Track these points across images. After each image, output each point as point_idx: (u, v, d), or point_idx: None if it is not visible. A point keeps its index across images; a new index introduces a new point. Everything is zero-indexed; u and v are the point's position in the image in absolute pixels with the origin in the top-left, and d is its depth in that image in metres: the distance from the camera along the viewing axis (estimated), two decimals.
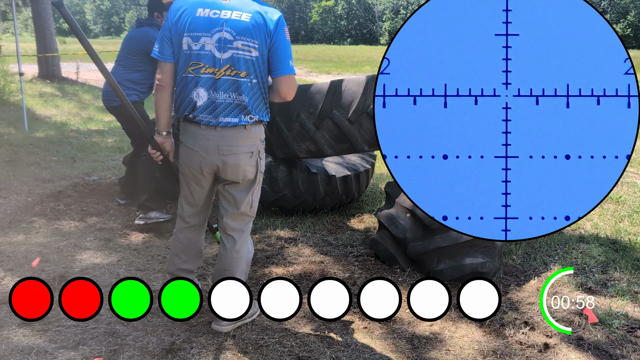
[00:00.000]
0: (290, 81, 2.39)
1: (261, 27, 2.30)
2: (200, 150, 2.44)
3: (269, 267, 3.38)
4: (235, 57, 2.32)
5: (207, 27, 2.31)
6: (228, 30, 2.30)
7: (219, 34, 2.30)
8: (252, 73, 2.35)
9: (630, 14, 45.12)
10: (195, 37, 2.32)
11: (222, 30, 2.30)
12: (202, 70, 2.35)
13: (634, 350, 2.51)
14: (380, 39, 58.24)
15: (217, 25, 2.30)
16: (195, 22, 2.32)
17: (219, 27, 2.30)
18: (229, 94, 2.36)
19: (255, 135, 2.46)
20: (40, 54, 12.99)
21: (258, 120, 2.44)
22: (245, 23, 2.30)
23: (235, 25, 2.30)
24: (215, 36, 2.31)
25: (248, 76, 2.34)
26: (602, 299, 2.99)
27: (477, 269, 3.14)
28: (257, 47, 2.31)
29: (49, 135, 7.48)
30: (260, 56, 2.33)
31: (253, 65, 2.34)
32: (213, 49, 2.32)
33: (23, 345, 2.45)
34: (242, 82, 2.34)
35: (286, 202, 4.20)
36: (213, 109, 2.37)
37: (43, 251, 3.51)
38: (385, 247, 3.39)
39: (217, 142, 2.40)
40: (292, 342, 2.55)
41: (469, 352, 2.50)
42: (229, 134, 2.40)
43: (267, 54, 2.35)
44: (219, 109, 2.37)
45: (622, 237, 3.93)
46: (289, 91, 2.41)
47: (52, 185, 4.98)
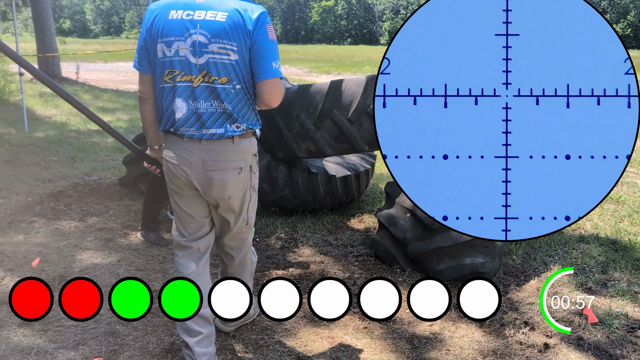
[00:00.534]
0: (273, 86, 2.11)
1: (239, 26, 2.04)
2: (182, 164, 2.18)
3: (269, 267, 3.39)
4: (212, 61, 2.07)
5: (180, 30, 2.07)
6: (202, 33, 2.05)
7: (193, 37, 2.06)
8: (234, 78, 2.09)
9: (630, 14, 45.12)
10: (168, 43, 2.09)
11: (196, 32, 2.05)
12: (179, 79, 2.11)
13: (634, 350, 2.51)
14: (380, 39, 58.26)
15: (191, 27, 2.06)
16: (168, 26, 2.08)
17: (193, 29, 2.06)
18: (210, 102, 2.11)
19: (246, 149, 2.21)
20: (40, 54, 13.00)
21: (247, 130, 2.18)
22: (221, 23, 2.04)
23: (210, 26, 2.05)
24: (189, 40, 2.06)
25: (230, 82, 2.09)
26: (602, 299, 2.99)
27: (477, 269, 3.14)
28: (236, 50, 2.06)
29: (49, 135, 7.48)
30: (240, 59, 2.08)
31: (234, 69, 2.08)
32: (188, 54, 2.08)
33: (23, 345, 2.45)
34: (223, 89, 2.09)
35: (286, 202, 4.20)
36: (196, 120, 2.12)
37: (43, 251, 3.51)
38: (385, 247, 3.39)
39: (202, 156, 2.15)
40: (292, 342, 2.55)
41: (469, 352, 2.50)
42: (216, 148, 2.15)
43: (248, 57, 2.09)
44: (202, 119, 2.12)
45: (622, 237, 3.93)
46: (272, 97, 2.13)
47: (52, 185, 4.98)
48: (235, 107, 2.12)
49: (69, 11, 70.24)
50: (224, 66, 2.08)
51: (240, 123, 2.15)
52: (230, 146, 2.16)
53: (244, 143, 2.19)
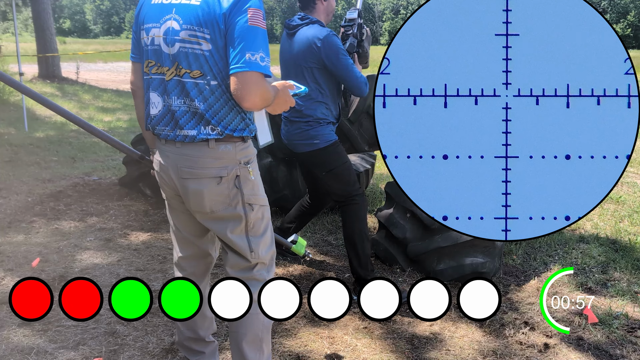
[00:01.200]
0: (243, 81, 1.69)
1: (213, 10, 1.73)
2: (162, 170, 1.95)
3: None
4: (182, 51, 1.79)
5: (157, 15, 1.84)
6: (176, 19, 1.79)
7: (167, 23, 1.80)
8: (208, 72, 1.78)
9: (630, 14, 45.12)
10: (147, 30, 1.87)
11: (170, 18, 1.80)
12: (154, 70, 1.88)
13: (634, 350, 2.51)
14: (380, 39, 58.24)
15: (167, 12, 1.81)
16: (149, 12, 1.87)
17: (168, 15, 1.80)
18: (182, 100, 1.83)
19: (226, 155, 1.85)
20: (40, 54, 13.00)
21: (228, 135, 1.83)
22: (194, 7, 1.76)
23: (184, 10, 1.78)
24: (163, 27, 1.82)
25: (203, 77, 1.79)
26: (602, 299, 2.99)
27: (477, 269, 3.14)
28: (209, 38, 1.75)
29: (49, 135, 7.48)
30: (215, 50, 1.76)
31: (207, 61, 1.77)
32: (161, 43, 1.83)
33: (23, 345, 2.45)
34: (195, 84, 1.80)
35: (286, 202, 4.19)
36: (170, 119, 1.86)
37: (43, 251, 3.51)
38: (385, 247, 3.39)
39: (176, 161, 1.87)
40: (292, 342, 2.55)
41: (469, 352, 2.50)
42: (189, 152, 1.85)
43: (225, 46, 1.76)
44: (175, 117, 1.85)
45: (622, 237, 3.93)
46: (243, 95, 1.71)
47: (52, 185, 4.98)
48: (208, 107, 1.80)
49: (69, 11, 70.26)
50: (195, 57, 1.78)
51: (216, 126, 1.81)
52: (206, 150, 1.83)
53: (223, 148, 1.84)
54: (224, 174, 1.85)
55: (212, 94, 1.80)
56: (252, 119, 1.92)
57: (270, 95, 1.79)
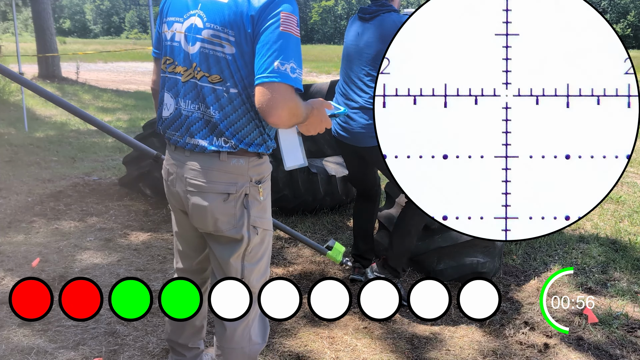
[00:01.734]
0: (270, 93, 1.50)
1: (241, 10, 1.56)
2: (167, 179, 1.82)
3: None
4: (203, 52, 1.63)
5: (183, 9, 1.68)
6: (200, 15, 1.63)
7: (191, 19, 1.65)
8: (229, 78, 1.61)
9: (630, 14, 45.13)
10: (169, 23, 1.72)
11: (195, 14, 1.64)
12: (170, 69, 1.73)
13: (634, 350, 2.51)
14: None
15: (192, 7, 1.66)
16: (174, 4, 1.72)
17: (194, 9, 1.65)
18: (197, 105, 1.67)
19: (237, 170, 1.68)
20: (40, 54, 13.01)
21: (242, 150, 1.67)
22: (221, 5, 1.59)
23: (210, 7, 1.61)
24: (186, 22, 1.66)
25: (222, 83, 1.62)
26: (602, 299, 2.99)
27: (477, 269, 3.14)
28: (234, 41, 1.58)
29: (49, 135, 7.48)
30: (239, 54, 1.58)
31: (229, 66, 1.60)
32: (182, 40, 1.67)
33: (23, 345, 2.45)
34: (212, 90, 1.63)
35: (286, 202, 4.20)
36: (181, 124, 1.72)
37: (43, 251, 3.51)
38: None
39: (184, 170, 1.72)
40: (292, 342, 2.55)
41: (469, 352, 2.50)
42: (198, 162, 1.69)
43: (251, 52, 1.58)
44: (187, 123, 1.70)
45: (622, 237, 3.93)
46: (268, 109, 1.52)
47: (52, 185, 4.99)
48: (224, 117, 1.64)
49: (69, 11, 70.25)
50: (216, 60, 1.61)
51: (230, 139, 1.64)
52: (216, 163, 1.67)
53: (234, 162, 1.67)
54: (232, 190, 1.68)
55: (229, 103, 1.63)
56: (271, 135, 1.73)
57: (300, 111, 1.59)
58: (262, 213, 1.77)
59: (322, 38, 64.12)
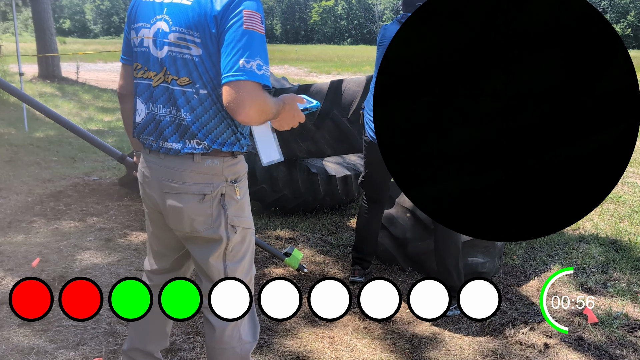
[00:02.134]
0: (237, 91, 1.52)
1: (204, 11, 1.58)
2: (143, 181, 1.85)
3: (269, 267, 3.38)
4: (171, 55, 1.65)
5: (149, 14, 1.70)
6: (166, 19, 1.65)
7: (157, 24, 1.67)
8: (197, 80, 1.63)
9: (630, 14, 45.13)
10: (137, 29, 1.74)
11: (161, 18, 1.66)
12: (140, 74, 1.75)
13: (634, 350, 2.51)
14: None
15: (158, 12, 1.67)
16: (141, 10, 1.74)
17: (160, 14, 1.67)
18: (168, 109, 1.69)
19: (212, 170, 1.70)
20: (40, 54, 13.00)
21: (215, 150, 1.69)
22: (185, 7, 1.61)
23: (175, 10, 1.64)
24: (153, 27, 1.68)
25: (191, 84, 1.63)
26: (602, 299, 2.99)
27: (477, 269, 3.14)
28: (199, 42, 1.60)
29: (49, 135, 7.48)
30: (206, 55, 1.61)
31: (197, 68, 1.62)
32: (151, 45, 1.69)
33: (23, 345, 2.45)
34: (182, 92, 1.65)
35: (286, 202, 4.20)
36: (154, 128, 1.73)
37: (43, 251, 3.51)
38: (385, 247, 3.39)
39: (159, 174, 1.74)
40: (292, 342, 2.55)
41: (469, 352, 2.50)
42: (172, 165, 1.71)
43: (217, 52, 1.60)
44: (159, 127, 1.72)
45: (622, 237, 3.93)
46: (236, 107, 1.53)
47: (52, 185, 4.99)
48: (195, 119, 1.66)
49: (69, 11, 70.26)
50: (184, 63, 1.63)
51: (202, 140, 1.67)
52: (190, 164, 1.69)
53: (209, 162, 1.69)
54: (208, 191, 1.70)
55: (200, 104, 1.65)
56: (244, 133, 1.76)
57: (269, 107, 1.60)
58: (240, 212, 1.78)
59: (322, 38, 64.12)
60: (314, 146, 3.81)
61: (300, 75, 18.07)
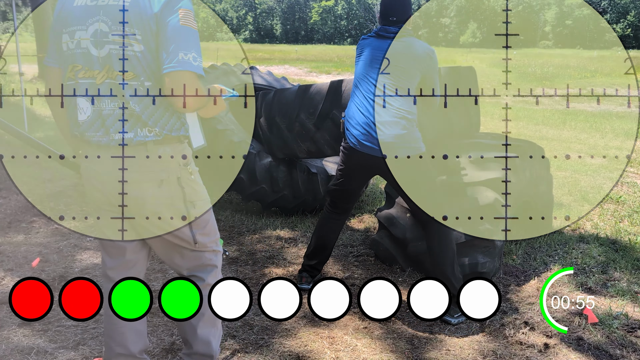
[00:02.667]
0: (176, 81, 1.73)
1: (144, 11, 1.76)
2: (90, 177, 1.91)
3: (269, 267, 3.39)
4: (114, 53, 1.79)
5: (83, 18, 1.81)
6: (104, 20, 1.79)
7: (95, 25, 1.80)
8: (142, 74, 1.79)
9: (630, 14, 45.13)
10: (71, 33, 1.84)
11: (98, 20, 1.79)
12: (81, 75, 1.85)
13: (634, 350, 2.51)
14: None
15: (94, 14, 1.80)
16: (72, 14, 1.84)
17: (96, 16, 1.80)
18: (116, 103, 1.83)
19: (165, 157, 1.86)
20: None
21: (167, 137, 1.86)
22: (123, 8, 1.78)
23: (112, 11, 1.78)
24: (90, 29, 1.80)
25: (136, 78, 1.80)
26: (602, 299, 2.99)
27: (477, 269, 3.14)
28: (140, 39, 1.77)
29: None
30: (147, 50, 1.78)
31: (140, 63, 1.78)
32: (89, 46, 1.81)
33: (23, 345, 2.45)
34: (129, 86, 1.80)
35: (286, 202, 4.20)
36: (101, 124, 1.84)
37: (43, 251, 3.51)
38: (385, 247, 3.39)
39: (112, 166, 1.84)
40: (292, 342, 2.55)
41: (469, 352, 2.50)
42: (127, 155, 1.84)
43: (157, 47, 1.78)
44: (107, 122, 1.83)
45: (622, 237, 3.93)
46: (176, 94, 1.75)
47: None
48: (144, 109, 1.81)
49: None
50: (127, 59, 1.79)
51: (153, 127, 1.83)
52: (143, 153, 1.84)
53: (161, 150, 1.85)
54: (164, 176, 1.86)
55: (147, 95, 1.81)
56: (185, 119, 1.93)
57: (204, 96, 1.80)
58: (196, 188, 1.95)
59: (322, 38, 64.11)
60: (314, 146, 3.81)
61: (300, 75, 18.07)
